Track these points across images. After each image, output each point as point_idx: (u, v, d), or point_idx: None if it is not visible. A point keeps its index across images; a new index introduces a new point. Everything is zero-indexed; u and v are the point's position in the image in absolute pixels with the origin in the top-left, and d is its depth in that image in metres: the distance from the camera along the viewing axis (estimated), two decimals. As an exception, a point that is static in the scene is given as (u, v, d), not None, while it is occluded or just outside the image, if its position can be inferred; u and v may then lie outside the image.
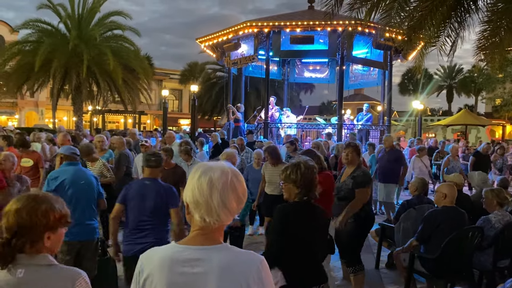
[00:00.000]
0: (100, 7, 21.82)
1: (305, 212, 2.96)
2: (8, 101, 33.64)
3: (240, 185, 1.48)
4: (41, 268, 1.68)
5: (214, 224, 1.44)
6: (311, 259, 2.94)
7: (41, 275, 1.67)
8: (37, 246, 1.71)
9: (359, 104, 46.89)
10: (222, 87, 29.96)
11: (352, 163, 4.82)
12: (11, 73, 21.41)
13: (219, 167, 1.47)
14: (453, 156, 10.34)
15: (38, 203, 1.74)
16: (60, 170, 4.43)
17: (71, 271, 1.76)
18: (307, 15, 14.65)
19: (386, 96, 15.38)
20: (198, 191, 1.43)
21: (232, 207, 1.45)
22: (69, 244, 4.11)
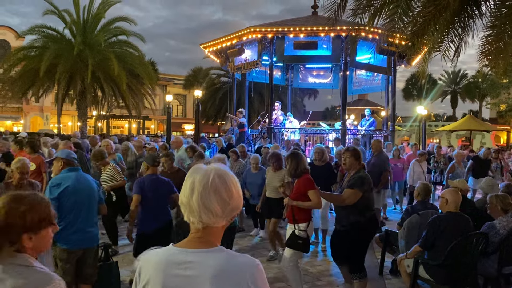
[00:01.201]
0: (105, 13, 21.98)
1: None
2: (14, 106, 33.86)
3: (225, 187, 1.46)
4: (19, 268, 1.68)
5: (199, 224, 1.45)
6: None
7: (15, 274, 1.66)
8: (16, 246, 1.72)
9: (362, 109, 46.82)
10: (226, 92, 30.04)
11: (350, 168, 4.74)
12: (16, 78, 21.56)
13: (203, 169, 1.48)
14: (458, 162, 10.25)
15: (18, 204, 1.74)
16: (62, 176, 4.27)
17: (46, 275, 1.71)
18: (310, 21, 14.68)
19: (390, 102, 15.36)
20: (183, 192, 1.48)
21: (215, 209, 1.43)
22: (70, 252, 4.07)
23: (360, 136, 13.93)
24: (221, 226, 1.50)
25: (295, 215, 4.77)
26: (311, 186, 4.73)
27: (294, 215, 4.78)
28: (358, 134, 14.37)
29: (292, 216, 4.79)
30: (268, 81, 14.88)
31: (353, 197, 4.55)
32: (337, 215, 4.91)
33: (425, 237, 4.71)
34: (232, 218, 1.51)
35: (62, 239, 4.03)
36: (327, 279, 5.91)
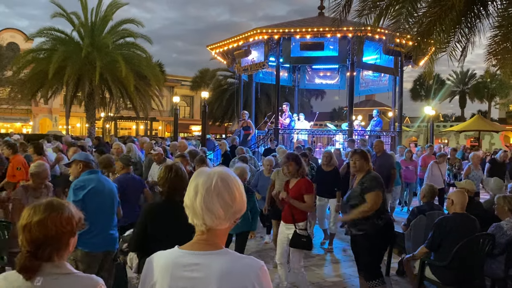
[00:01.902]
0: (112, 15, 22.15)
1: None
2: (23, 108, 34.17)
3: (228, 191, 1.47)
4: (59, 277, 1.67)
5: (202, 226, 1.48)
6: None
7: (59, 284, 1.66)
8: (62, 253, 1.72)
9: (370, 110, 46.68)
10: (232, 93, 30.05)
11: (360, 170, 4.60)
12: (25, 80, 21.80)
13: (207, 173, 1.51)
14: (475, 165, 9.99)
15: (60, 211, 1.71)
16: (84, 178, 4.19)
17: (88, 279, 1.74)
18: (317, 22, 14.67)
19: (397, 102, 15.30)
20: (187, 195, 1.51)
21: (217, 211, 1.45)
22: (93, 255, 3.99)
23: (367, 137, 13.89)
24: (225, 228, 1.52)
25: (294, 215, 4.85)
26: (311, 190, 4.97)
27: (293, 215, 4.85)
28: (365, 135, 14.32)
29: (292, 216, 4.86)
30: (274, 82, 14.89)
31: (378, 200, 4.42)
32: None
33: (431, 238, 4.70)
34: (236, 221, 1.53)
35: (84, 242, 3.88)
36: (333, 280, 5.91)
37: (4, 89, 27.15)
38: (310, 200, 4.91)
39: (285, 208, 4.96)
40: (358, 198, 4.48)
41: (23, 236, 1.66)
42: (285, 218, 4.98)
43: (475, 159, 10.13)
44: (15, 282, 1.64)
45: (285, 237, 4.97)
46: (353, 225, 4.60)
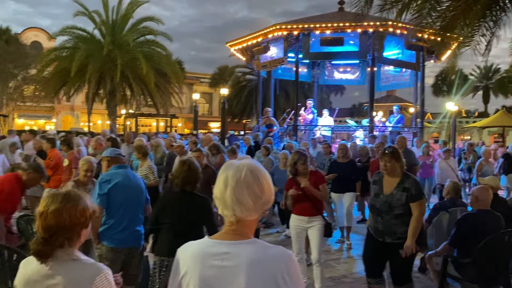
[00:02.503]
0: (133, 13, 22.40)
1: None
2: (46, 106, 34.92)
3: (257, 182, 1.51)
4: (67, 262, 1.76)
5: (232, 217, 1.52)
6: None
7: (65, 269, 1.75)
8: (73, 242, 1.80)
9: (391, 106, 46.05)
10: (251, 90, 30.13)
11: (393, 172, 4.12)
12: (49, 78, 22.26)
13: (236, 165, 1.55)
14: (486, 160, 9.92)
15: (75, 202, 1.80)
16: (111, 173, 4.20)
17: (93, 266, 1.80)
18: (337, 17, 14.56)
19: (418, 98, 15.08)
20: (217, 187, 1.55)
21: (247, 202, 1.49)
22: (117, 251, 3.95)
23: (388, 133, 13.74)
24: (253, 219, 1.56)
25: (319, 208, 4.98)
26: (324, 180, 5.15)
27: (318, 208, 4.96)
28: (386, 131, 14.17)
29: (316, 208, 4.93)
30: (294, 78, 14.85)
31: (425, 207, 4.15)
32: (385, 224, 4.16)
33: (454, 235, 4.64)
34: (264, 212, 1.58)
35: (109, 237, 3.97)
36: (353, 277, 5.89)
37: (29, 87, 27.82)
38: (325, 189, 5.05)
39: (306, 203, 4.90)
40: (404, 207, 4.02)
41: (39, 222, 1.76)
42: (307, 212, 4.91)
43: (486, 154, 10.00)
44: (31, 265, 1.78)
45: (303, 232, 4.96)
46: (391, 233, 4.11)
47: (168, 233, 3.72)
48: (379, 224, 4.14)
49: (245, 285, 1.43)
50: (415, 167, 8.52)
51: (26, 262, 1.83)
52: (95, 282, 1.75)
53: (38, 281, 1.75)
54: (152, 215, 3.91)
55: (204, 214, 3.79)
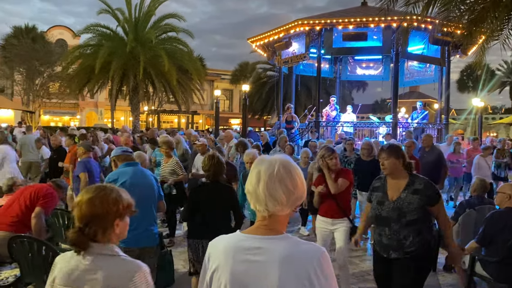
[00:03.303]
0: (155, 11, 22.59)
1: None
2: (71, 102, 35.60)
3: (290, 177, 1.51)
4: (106, 257, 1.79)
5: (265, 212, 1.51)
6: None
7: (105, 264, 1.77)
8: (108, 233, 1.82)
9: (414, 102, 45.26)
10: (272, 86, 30.04)
11: (393, 172, 3.51)
12: (73, 75, 22.67)
13: (268, 160, 1.55)
14: None
15: (108, 192, 1.84)
16: (119, 171, 4.13)
17: (132, 263, 1.82)
18: (360, 12, 14.40)
19: (443, 94, 14.80)
20: (249, 182, 1.54)
21: (280, 197, 1.49)
22: (127, 250, 3.85)
23: (412, 129, 13.53)
24: (286, 214, 1.55)
25: (345, 209, 4.72)
26: (350, 179, 4.81)
27: (344, 209, 4.71)
28: (410, 127, 13.96)
29: (343, 210, 4.68)
30: (315, 74, 14.75)
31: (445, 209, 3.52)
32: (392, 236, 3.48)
33: (482, 233, 4.53)
34: (296, 207, 1.57)
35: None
36: (377, 274, 5.82)
37: (54, 84, 28.41)
38: (343, 183, 4.66)
39: (331, 204, 4.69)
40: (417, 212, 3.38)
41: (75, 212, 1.80)
42: (332, 213, 4.69)
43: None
44: (70, 260, 1.81)
45: (328, 234, 4.77)
46: (398, 247, 3.44)
47: (201, 219, 4.11)
48: (384, 237, 3.51)
49: (277, 280, 1.42)
50: (444, 168, 8.31)
51: (64, 257, 1.86)
52: (134, 279, 1.76)
53: (78, 275, 1.77)
54: (188, 204, 4.26)
55: (231, 202, 4.20)
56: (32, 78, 27.40)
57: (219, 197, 4.15)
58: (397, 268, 3.46)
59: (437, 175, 8.09)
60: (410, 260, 3.38)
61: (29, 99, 28.23)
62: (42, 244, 3.86)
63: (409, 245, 3.39)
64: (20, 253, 3.88)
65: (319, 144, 9.34)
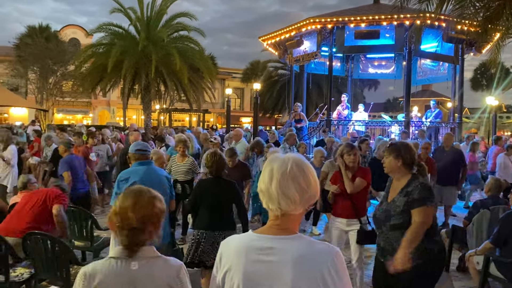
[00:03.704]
0: (167, 9, 22.66)
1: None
2: (84, 101, 35.90)
3: (303, 175, 1.49)
4: (150, 260, 1.79)
5: (277, 211, 1.49)
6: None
7: (151, 267, 1.78)
8: (153, 236, 1.81)
9: (426, 100, 44.82)
10: (283, 84, 29.98)
11: (393, 171, 3.31)
12: (86, 74, 22.86)
13: (281, 158, 1.53)
14: None
15: (151, 195, 1.83)
16: (131, 170, 4.17)
17: (174, 262, 1.86)
18: (372, 10, 14.29)
19: (457, 92, 14.63)
20: (262, 180, 1.52)
21: (293, 196, 1.46)
22: None
23: (426, 128, 13.40)
24: (298, 213, 1.53)
25: (359, 209, 4.47)
26: (368, 179, 4.58)
27: (357, 210, 4.46)
28: (423, 126, 13.83)
29: (355, 211, 4.46)
30: (327, 73, 14.68)
31: (430, 216, 3.13)
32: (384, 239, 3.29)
33: (497, 234, 4.48)
34: (309, 206, 1.54)
35: None
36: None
37: (67, 83, 28.69)
38: (360, 183, 4.45)
39: (346, 203, 4.50)
40: (402, 216, 3.15)
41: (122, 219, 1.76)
42: (346, 213, 4.51)
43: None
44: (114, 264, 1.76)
45: (343, 234, 4.59)
46: (392, 251, 3.15)
47: (205, 211, 4.33)
48: (380, 239, 3.35)
49: (291, 281, 1.41)
50: (464, 168, 8.18)
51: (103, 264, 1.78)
52: (180, 275, 1.82)
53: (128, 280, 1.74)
54: (192, 197, 4.48)
55: (232, 195, 4.41)
56: (45, 77, 27.71)
57: (222, 191, 4.36)
58: (397, 279, 3.11)
59: (457, 176, 7.98)
60: (409, 271, 3.01)
61: (42, 97, 28.55)
62: (55, 241, 3.90)
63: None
64: (34, 250, 3.93)
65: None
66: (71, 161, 6.55)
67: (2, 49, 33.88)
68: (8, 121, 33.73)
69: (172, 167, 6.90)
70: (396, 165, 3.24)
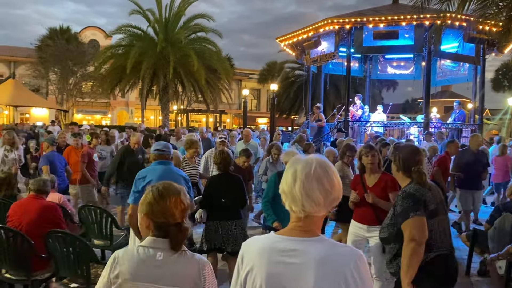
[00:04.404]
0: (185, 11, 22.85)
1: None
2: (103, 101, 36.38)
3: (327, 177, 1.47)
4: (175, 253, 1.82)
5: (300, 213, 1.47)
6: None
7: (175, 260, 1.81)
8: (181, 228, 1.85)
9: (446, 102, 44.16)
10: (300, 85, 29.92)
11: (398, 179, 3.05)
12: (105, 75, 23.20)
13: (304, 159, 1.51)
14: None
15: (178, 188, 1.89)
16: (148, 169, 4.21)
17: (200, 258, 1.87)
18: (391, 10, 14.16)
19: (477, 93, 14.37)
20: (285, 182, 1.50)
21: (317, 198, 1.45)
22: None
23: (446, 129, 13.20)
24: (321, 215, 1.51)
25: (380, 216, 3.94)
26: (397, 187, 3.88)
27: (379, 216, 4.00)
28: (442, 127, 13.63)
29: (377, 217, 4.05)
30: (345, 73, 14.59)
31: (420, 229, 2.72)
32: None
33: (521, 238, 4.37)
34: (332, 208, 1.52)
35: None
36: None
37: (87, 84, 29.16)
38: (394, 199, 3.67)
39: (367, 209, 4.18)
40: (387, 229, 2.95)
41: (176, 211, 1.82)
42: (367, 219, 4.17)
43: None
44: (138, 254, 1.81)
45: (362, 241, 4.27)
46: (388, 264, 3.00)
47: (218, 203, 4.70)
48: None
49: (313, 283, 1.40)
50: (485, 171, 7.88)
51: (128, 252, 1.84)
52: (204, 272, 1.84)
53: (151, 272, 1.79)
54: (206, 193, 4.88)
55: (239, 188, 4.85)
56: (66, 78, 28.21)
57: (231, 185, 4.82)
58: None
59: (478, 178, 7.73)
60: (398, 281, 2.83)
61: (63, 98, 29.08)
62: (75, 239, 3.96)
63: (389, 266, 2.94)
64: (55, 248, 3.99)
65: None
66: (51, 157, 7.03)
67: (24, 50, 34.62)
68: (29, 121, 34.42)
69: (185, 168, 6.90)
70: (394, 171, 3.00)
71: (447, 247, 2.86)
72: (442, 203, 2.90)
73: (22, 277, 4.11)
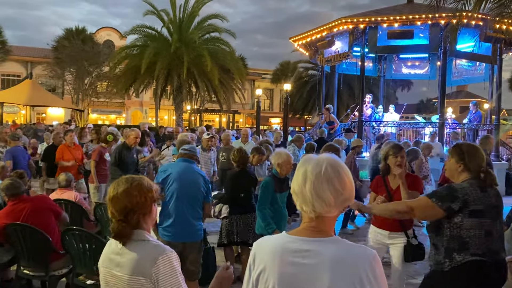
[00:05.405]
0: (199, 11, 22.95)
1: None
2: (117, 101, 36.76)
3: (338, 177, 1.45)
4: (136, 242, 1.89)
5: (311, 213, 1.46)
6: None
7: (133, 248, 1.88)
8: (147, 219, 1.94)
9: (461, 102, 43.61)
10: (313, 85, 29.83)
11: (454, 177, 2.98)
12: (120, 75, 23.43)
13: (315, 159, 1.49)
14: None
15: (140, 181, 1.94)
16: (171, 164, 4.57)
17: (157, 247, 1.89)
18: (406, 9, 14.03)
19: (494, 93, 14.16)
20: (295, 182, 1.49)
21: (328, 198, 1.43)
22: (171, 244, 3.88)
23: (466, 130, 13.02)
24: (333, 215, 1.50)
25: (404, 221, 3.83)
26: (421, 188, 3.97)
27: (402, 221, 3.83)
28: (458, 128, 13.46)
29: (400, 223, 3.84)
30: (358, 73, 14.50)
31: (423, 210, 2.86)
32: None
33: (538, 240, 4.30)
34: (344, 209, 1.50)
35: (162, 229, 4.08)
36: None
37: (102, 84, 29.49)
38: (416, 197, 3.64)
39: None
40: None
41: (113, 207, 1.90)
42: (389, 225, 3.90)
43: None
44: (111, 245, 1.98)
45: (383, 248, 4.03)
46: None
47: (238, 197, 5.09)
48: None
49: (328, 284, 1.38)
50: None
51: (109, 242, 2.03)
52: (158, 262, 1.82)
53: (111, 258, 1.94)
54: (229, 188, 5.24)
55: (254, 184, 5.31)
56: (81, 78, 28.57)
57: (248, 180, 5.24)
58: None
59: None
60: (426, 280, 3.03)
61: (78, 98, 29.45)
62: (92, 236, 4.02)
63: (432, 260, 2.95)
64: (71, 245, 4.06)
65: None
66: (15, 152, 7.46)
67: (41, 51, 35.18)
68: (45, 120, 34.92)
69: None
70: (453, 162, 2.94)
71: (488, 252, 2.78)
72: (495, 209, 2.82)
73: (40, 273, 4.20)
